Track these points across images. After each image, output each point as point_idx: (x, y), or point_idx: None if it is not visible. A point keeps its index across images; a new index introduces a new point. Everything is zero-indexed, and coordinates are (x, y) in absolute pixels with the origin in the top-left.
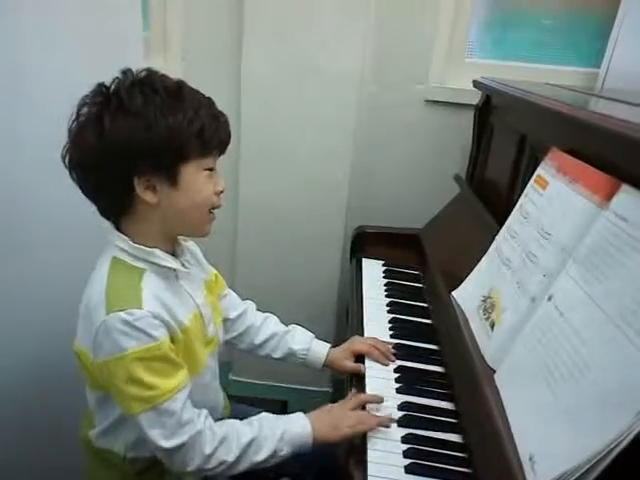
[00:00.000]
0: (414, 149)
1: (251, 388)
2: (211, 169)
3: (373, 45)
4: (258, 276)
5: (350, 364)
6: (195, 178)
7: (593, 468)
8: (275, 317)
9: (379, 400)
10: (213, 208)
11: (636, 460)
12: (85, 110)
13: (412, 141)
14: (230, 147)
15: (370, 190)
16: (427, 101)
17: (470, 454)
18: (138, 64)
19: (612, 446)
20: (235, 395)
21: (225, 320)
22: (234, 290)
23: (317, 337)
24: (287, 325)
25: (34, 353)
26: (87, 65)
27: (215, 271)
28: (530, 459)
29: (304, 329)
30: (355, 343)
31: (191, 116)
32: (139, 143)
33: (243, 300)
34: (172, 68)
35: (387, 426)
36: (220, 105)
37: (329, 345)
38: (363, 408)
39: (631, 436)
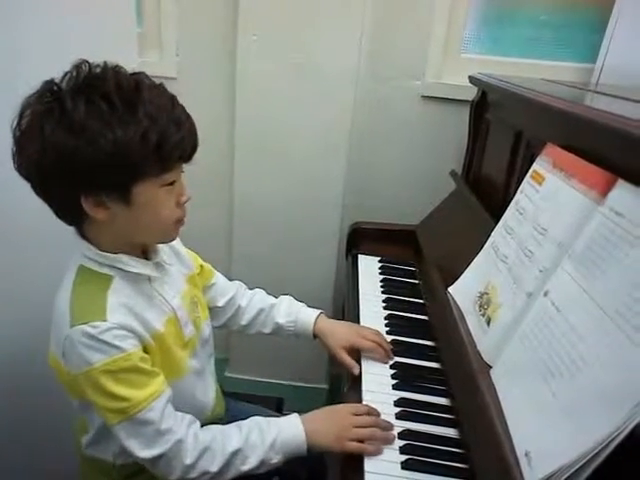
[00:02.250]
0: (410, 145)
1: (247, 385)
2: (173, 183)
3: (369, 41)
4: (254, 273)
5: (346, 358)
6: (153, 196)
7: (589, 463)
8: (262, 292)
9: (375, 415)
10: (178, 220)
11: (632, 455)
12: (29, 112)
13: (408, 137)
14: (225, 144)
15: (366, 186)
16: (423, 97)
17: (467, 450)
18: (132, 61)
19: (608, 441)
20: (231, 392)
21: (214, 308)
22: None
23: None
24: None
25: (31, 357)
26: None
27: (201, 261)
28: (526, 455)
29: (292, 299)
30: (360, 337)
31: (145, 127)
32: (82, 160)
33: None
34: (166, 64)
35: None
36: (215, 102)
37: (318, 312)
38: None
39: (627, 431)
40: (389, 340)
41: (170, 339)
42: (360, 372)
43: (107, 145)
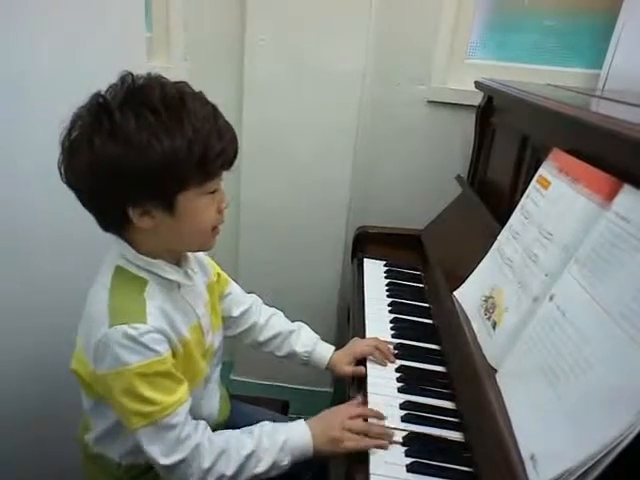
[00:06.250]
0: (416, 150)
1: (252, 388)
2: (214, 191)
3: (375, 45)
4: (260, 276)
5: (350, 368)
6: (195, 204)
7: (595, 467)
8: (281, 314)
9: (380, 417)
10: (215, 227)
11: (637, 459)
12: (79, 124)
13: (414, 142)
14: None
15: (371, 190)
16: (429, 102)
17: (472, 453)
18: (141, 65)
19: (614, 445)
20: (236, 395)
21: (228, 318)
22: None
23: (319, 337)
24: (294, 321)
25: (35, 360)
26: (90, 67)
27: (218, 269)
28: (532, 458)
29: (309, 330)
30: (357, 346)
31: (190, 138)
32: (131, 171)
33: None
34: (174, 69)
35: (390, 441)
36: (222, 105)
37: (333, 348)
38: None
39: (633, 435)
40: (395, 343)
41: (193, 347)
42: (366, 375)
43: (155, 156)
